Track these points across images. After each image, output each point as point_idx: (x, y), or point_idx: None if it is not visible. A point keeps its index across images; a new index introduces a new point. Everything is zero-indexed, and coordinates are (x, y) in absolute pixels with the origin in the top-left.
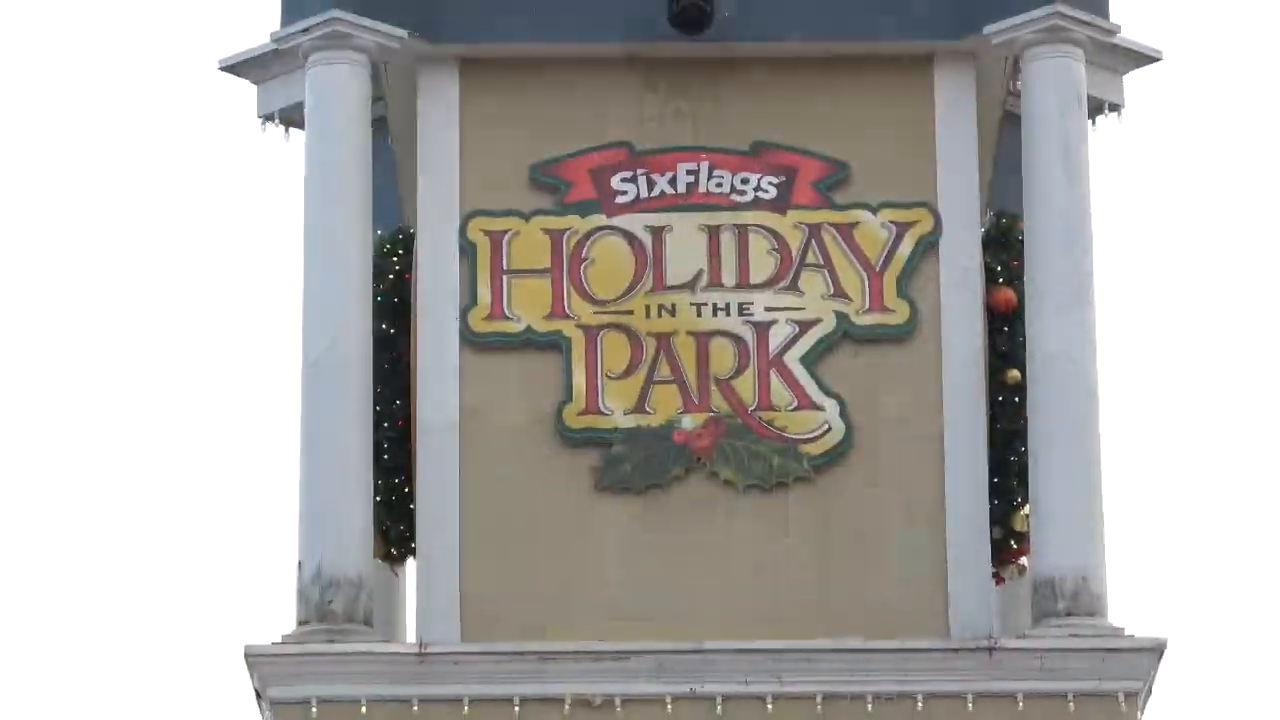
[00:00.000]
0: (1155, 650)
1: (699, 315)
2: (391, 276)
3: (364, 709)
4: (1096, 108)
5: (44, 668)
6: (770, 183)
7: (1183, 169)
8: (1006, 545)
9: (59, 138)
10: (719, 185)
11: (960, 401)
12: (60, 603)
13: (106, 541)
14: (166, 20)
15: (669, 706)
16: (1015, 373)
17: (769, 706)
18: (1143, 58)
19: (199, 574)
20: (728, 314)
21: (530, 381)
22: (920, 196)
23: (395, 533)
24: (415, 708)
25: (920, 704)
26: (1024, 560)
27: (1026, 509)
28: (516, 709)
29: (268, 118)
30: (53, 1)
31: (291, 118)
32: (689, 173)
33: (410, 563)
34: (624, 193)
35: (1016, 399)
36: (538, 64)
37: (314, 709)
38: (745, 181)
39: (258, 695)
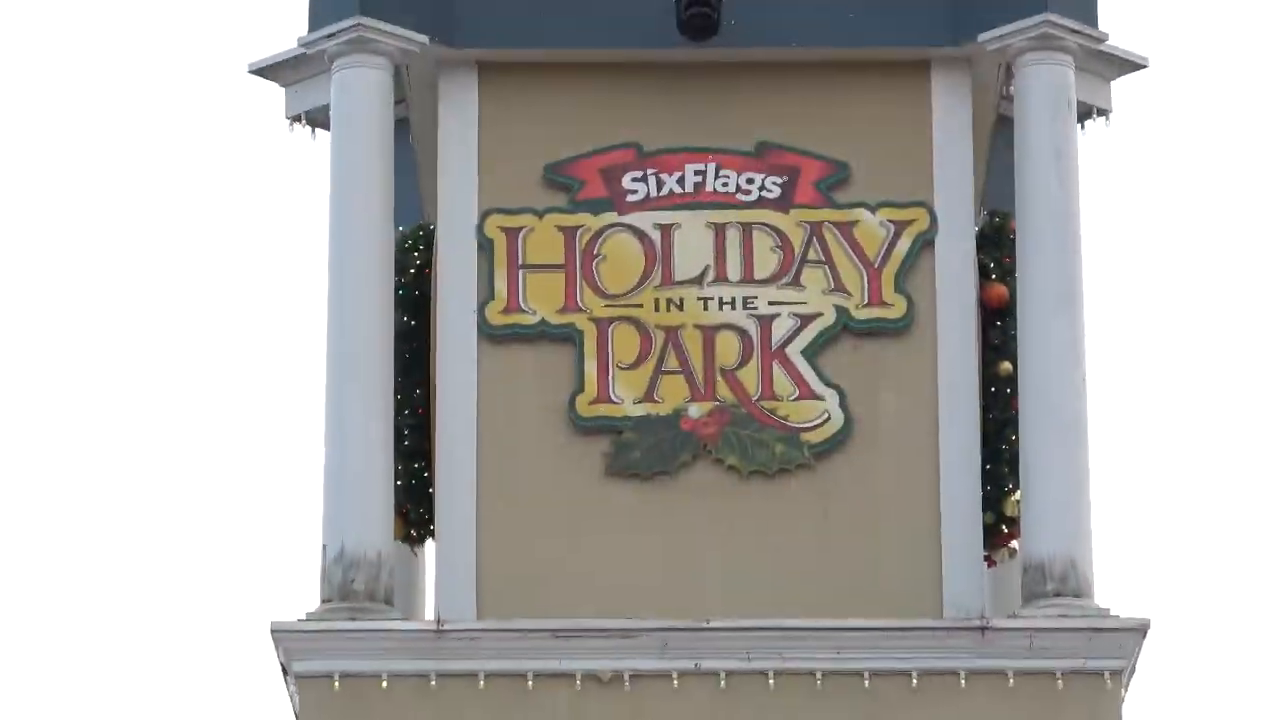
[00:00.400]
0: (1139, 630)
1: (705, 309)
2: (412, 271)
3: (384, 683)
4: (1085, 112)
5: (90, 643)
6: (774, 182)
7: (1168, 171)
8: (998, 530)
9: (98, 137)
10: (725, 185)
11: (954, 392)
12: (101, 584)
13: (145, 528)
14: (200, 26)
15: (675, 682)
16: (1007, 365)
17: (770, 682)
18: (1130, 65)
19: (229, 556)
20: (733, 308)
21: (544, 372)
22: (917, 196)
23: (415, 515)
24: (433, 682)
25: (915, 680)
26: (1015, 544)
27: (1017, 495)
28: (529, 684)
29: (295, 119)
30: (93, 9)
31: (318, 119)
32: (696, 173)
33: (429, 544)
34: (634, 191)
35: (1008, 390)
36: (552, 68)
37: (336, 683)
38: (750, 181)
39: (284, 669)
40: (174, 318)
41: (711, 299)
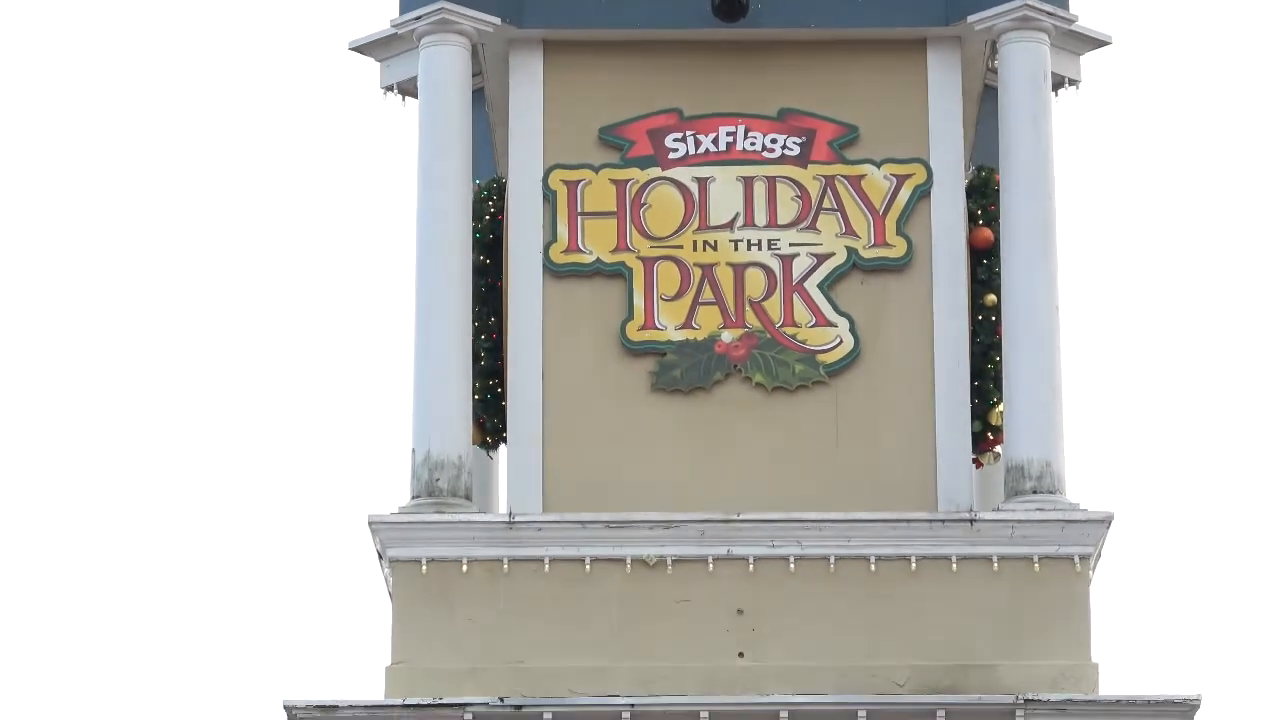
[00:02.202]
0: (1104, 521)
1: (736, 250)
2: (487, 217)
3: (464, 566)
4: (1058, 83)
5: (224, 532)
6: (794, 142)
7: (1129, 133)
8: (984, 436)
9: (232, 105)
10: (753, 144)
11: (947, 319)
12: (236, 486)
13: (271, 439)
14: (309, 11)
15: (710, 566)
16: (992, 296)
17: (791, 566)
18: (1097, 42)
19: (333, 460)
20: (760, 249)
21: (599, 303)
22: (916, 154)
23: (490, 424)
24: (505, 566)
25: (914, 565)
26: (998, 449)
27: (1001, 407)
28: (587, 567)
29: (388, 89)
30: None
31: (408, 89)
32: (728, 134)
33: (502, 448)
34: (675, 150)
35: (993, 318)
36: (607, 45)
37: (424, 566)
38: (774, 141)
39: (379, 555)
40: (290, 257)
41: (741, 241)
